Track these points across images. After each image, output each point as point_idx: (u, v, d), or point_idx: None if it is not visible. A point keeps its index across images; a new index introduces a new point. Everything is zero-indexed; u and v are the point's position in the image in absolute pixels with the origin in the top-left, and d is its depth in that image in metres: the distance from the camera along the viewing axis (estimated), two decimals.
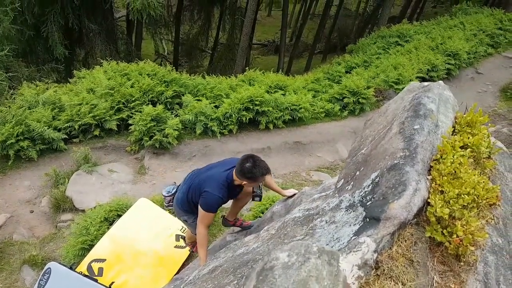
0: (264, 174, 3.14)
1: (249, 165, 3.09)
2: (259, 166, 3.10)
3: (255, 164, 3.09)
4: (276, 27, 25.95)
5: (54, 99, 8.03)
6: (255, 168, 3.09)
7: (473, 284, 1.59)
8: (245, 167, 3.10)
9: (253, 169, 3.09)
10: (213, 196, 3.25)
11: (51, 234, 6.36)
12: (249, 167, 3.09)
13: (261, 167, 3.11)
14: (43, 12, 11.40)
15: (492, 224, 1.87)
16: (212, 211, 3.34)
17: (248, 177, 3.13)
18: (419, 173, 1.77)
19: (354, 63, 12.73)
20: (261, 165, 3.12)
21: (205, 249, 3.54)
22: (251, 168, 3.09)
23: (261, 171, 3.11)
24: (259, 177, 3.13)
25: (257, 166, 3.09)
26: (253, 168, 3.08)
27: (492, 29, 14.08)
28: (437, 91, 2.23)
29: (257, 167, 3.09)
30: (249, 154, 3.20)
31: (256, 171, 3.10)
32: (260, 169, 3.10)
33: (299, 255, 1.25)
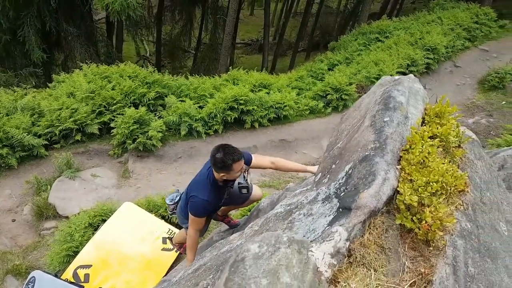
0: (236, 160, 2.95)
1: (219, 155, 2.93)
2: (229, 153, 2.94)
3: (225, 152, 2.94)
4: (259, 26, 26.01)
5: (33, 105, 7.92)
6: (225, 156, 2.92)
7: (442, 267, 1.65)
8: (216, 158, 2.95)
9: (224, 158, 2.93)
10: (198, 199, 3.17)
11: (35, 242, 6.26)
12: (219, 157, 2.93)
13: (231, 153, 2.94)
14: (18, 15, 11.20)
15: (461, 210, 1.94)
16: (199, 215, 3.25)
17: (221, 168, 2.98)
18: (389, 163, 1.83)
19: (336, 60, 12.88)
20: (231, 151, 2.95)
21: (194, 252, 3.51)
22: (222, 158, 2.93)
23: (232, 157, 2.93)
24: (232, 165, 2.95)
25: (226, 154, 2.93)
26: (224, 156, 2.92)
27: (468, 23, 14.39)
28: (407, 84, 2.30)
29: (227, 155, 2.93)
30: (219, 144, 3.04)
31: (227, 159, 2.93)
32: (230, 156, 2.93)
33: (269, 245, 1.29)
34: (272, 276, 1.24)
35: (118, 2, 8.61)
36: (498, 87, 11.51)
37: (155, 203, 6.03)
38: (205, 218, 3.37)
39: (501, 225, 2.24)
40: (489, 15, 15.18)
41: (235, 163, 2.95)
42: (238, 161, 2.97)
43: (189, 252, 3.50)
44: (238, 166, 3.00)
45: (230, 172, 3.01)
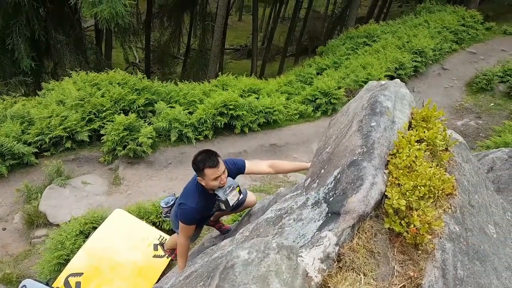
0: (207, 166, 2.85)
1: (197, 158, 2.90)
2: (205, 158, 2.87)
3: (202, 156, 2.88)
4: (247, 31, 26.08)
5: (23, 113, 7.88)
6: (199, 160, 2.88)
7: (431, 271, 1.67)
8: (193, 160, 2.92)
9: (197, 161, 2.89)
10: (187, 207, 3.11)
11: (26, 250, 6.21)
12: (194, 160, 2.91)
13: (206, 159, 2.87)
14: (7, 24, 11.14)
15: (450, 213, 1.97)
16: (187, 223, 3.19)
17: (195, 170, 2.95)
18: (376, 167, 1.85)
19: (324, 64, 12.97)
20: (207, 157, 2.88)
21: (185, 259, 3.48)
22: (195, 160, 2.90)
23: (204, 162, 2.86)
24: (203, 169, 2.87)
25: (202, 158, 2.88)
26: (199, 160, 2.88)
27: (455, 26, 14.60)
28: (394, 89, 2.32)
29: (201, 159, 2.87)
30: (203, 149, 2.99)
31: (199, 163, 2.87)
32: (203, 161, 2.87)
33: (258, 251, 1.30)
34: (261, 282, 1.24)
35: (107, 10, 8.60)
36: (486, 89, 11.67)
37: (146, 209, 6.00)
38: (195, 225, 3.31)
39: (490, 227, 2.27)
40: (475, 17, 15.41)
41: (207, 168, 2.86)
42: (211, 168, 2.87)
43: (179, 259, 3.47)
44: (211, 173, 2.89)
45: (203, 177, 2.93)
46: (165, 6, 18.01)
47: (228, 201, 3.07)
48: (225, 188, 3.06)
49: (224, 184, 3.04)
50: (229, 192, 3.08)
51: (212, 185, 2.98)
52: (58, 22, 12.64)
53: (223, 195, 3.05)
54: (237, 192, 3.15)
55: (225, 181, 3.03)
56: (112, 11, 8.81)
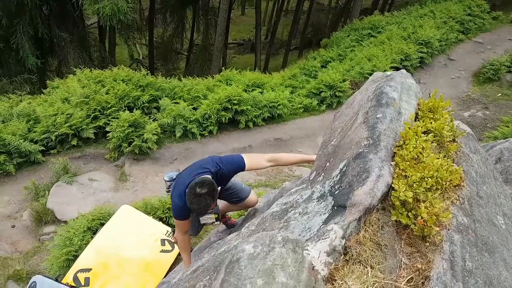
0: (193, 210, 2.92)
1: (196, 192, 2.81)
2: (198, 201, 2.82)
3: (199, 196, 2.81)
4: (250, 25, 25.99)
5: (29, 111, 7.91)
6: (194, 199, 2.82)
7: (439, 263, 1.65)
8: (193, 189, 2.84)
9: (190, 196, 2.84)
10: (176, 204, 3.11)
11: (35, 247, 6.26)
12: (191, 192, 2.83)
13: (198, 203, 2.83)
14: (11, 23, 11.18)
15: (457, 205, 1.95)
16: (179, 219, 3.19)
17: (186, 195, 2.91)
18: (382, 159, 1.83)
19: (329, 57, 12.88)
20: (201, 203, 2.83)
21: (188, 253, 3.50)
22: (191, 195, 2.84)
23: (194, 205, 2.85)
24: (189, 205, 2.89)
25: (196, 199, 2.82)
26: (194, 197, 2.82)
27: (461, 15, 14.41)
28: (399, 80, 2.29)
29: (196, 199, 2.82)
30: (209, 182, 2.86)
31: (191, 200, 2.84)
32: (195, 203, 2.84)
33: (264, 245, 1.29)
34: (267, 276, 1.23)
35: (109, 7, 8.60)
36: (493, 79, 11.54)
37: (152, 205, 6.02)
38: (188, 220, 3.25)
39: (498, 218, 2.25)
40: (482, 6, 15.21)
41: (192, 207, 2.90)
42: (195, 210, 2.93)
43: (183, 255, 3.51)
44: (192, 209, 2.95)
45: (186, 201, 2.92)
46: (168, 1, 17.93)
47: (200, 221, 3.05)
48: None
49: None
50: (206, 214, 3.01)
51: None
52: (61, 20, 12.67)
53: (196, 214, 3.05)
54: (213, 217, 3.05)
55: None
56: (114, 8, 8.82)
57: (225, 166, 3.20)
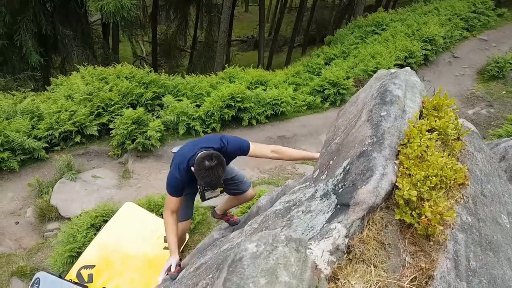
0: (207, 184, 2.77)
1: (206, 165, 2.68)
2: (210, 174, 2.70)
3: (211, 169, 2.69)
4: (254, 22, 25.91)
5: (32, 108, 7.94)
6: (205, 172, 2.69)
7: (443, 262, 1.64)
8: (201, 163, 2.71)
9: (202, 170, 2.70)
10: (172, 176, 2.96)
11: (38, 244, 6.29)
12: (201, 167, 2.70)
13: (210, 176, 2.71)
14: (14, 20, 11.21)
15: (462, 203, 1.93)
16: (170, 193, 3.01)
17: (194, 171, 2.77)
18: (386, 158, 1.82)
19: (333, 54, 12.86)
20: (213, 175, 2.71)
21: (175, 237, 3.14)
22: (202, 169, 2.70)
23: (207, 179, 2.72)
24: (201, 181, 2.77)
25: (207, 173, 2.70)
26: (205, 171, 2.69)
27: (466, 12, 14.35)
28: (404, 77, 2.28)
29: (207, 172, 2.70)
30: (216, 155, 2.75)
31: (202, 175, 2.71)
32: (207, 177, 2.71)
33: (267, 244, 1.28)
34: (270, 275, 1.23)
35: (112, 4, 8.62)
36: (498, 77, 11.47)
37: (155, 202, 6.04)
38: (179, 199, 3.05)
39: (503, 217, 2.23)
40: (487, 3, 15.13)
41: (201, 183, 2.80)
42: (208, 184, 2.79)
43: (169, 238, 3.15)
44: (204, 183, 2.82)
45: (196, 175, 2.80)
46: None
47: (204, 195, 2.94)
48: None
49: None
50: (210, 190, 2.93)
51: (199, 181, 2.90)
52: (65, 17, 12.69)
53: (203, 188, 2.91)
54: (218, 191, 2.99)
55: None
56: (118, 5, 8.84)
57: (230, 144, 3.08)
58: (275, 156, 3.25)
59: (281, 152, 3.26)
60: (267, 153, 3.22)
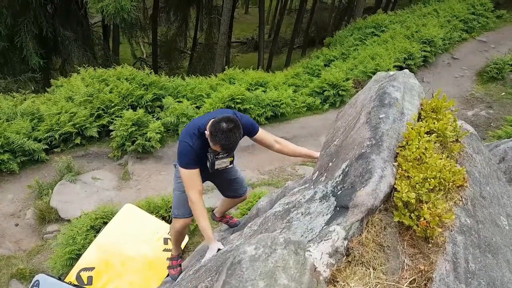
0: (224, 146, 2.61)
1: (223, 127, 2.55)
2: (228, 136, 2.56)
3: (229, 131, 2.55)
4: (254, 24, 25.94)
5: (33, 110, 7.95)
6: (222, 134, 2.55)
7: (442, 264, 1.64)
8: (218, 124, 2.58)
9: (219, 132, 2.56)
10: (184, 145, 2.78)
11: (38, 246, 6.29)
12: (218, 128, 2.56)
13: (228, 139, 2.56)
14: (15, 22, 11.23)
15: (461, 205, 1.94)
16: (189, 166, 2.77)
17: (210, 133, 2.62)
18: (385, 160, 1.82)
19: (332, 56, 12.87)
20: (231, 137, 2.57)
21: (206, 221, 2.87)
22: (219, 126, 2.56)
23: (224, 141, 2.58)
24: (217, 144, 2.62)
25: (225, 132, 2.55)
26: (222, 133, 2.55)
27: (465, 14, 14.38)
28: (402, 80, 2.28)
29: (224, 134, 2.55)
30: (234, 118, 2.64)
31: (219, 137, 2.57)
32: (224, 139, 2.57)
33: (265, 247, 1.29)
34: (269, 278, 1.23)
35: (112, 5, 8.63)
36: (497, 78, 11.49)
37: (155, 204, 6.04)
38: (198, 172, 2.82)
39: (502, 219, 2.23)
40: (486, 5, 15.16)
41: (218, 146, 2.63)
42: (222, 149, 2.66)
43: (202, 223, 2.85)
44: (217, 148, 2.68)
45: (210, 140, 2.66)
46: (171, 0, 17.98)
47: (214, 164, 2.80)
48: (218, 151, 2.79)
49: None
50: (221, 157, 2.82)
51: (213, 148, 2.73)
52: (65, 19, 12.72)
53: (213, 157, 2.79)
54: (228, 161, 2.88)
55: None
56: (118, 6, 8.85)
57: (243, 118, 2.97)
58: (276, 146, 3.22)
59: (283, 145, 3.24)
60: (271, 141, 3.19)
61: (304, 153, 3.44)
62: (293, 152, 3.39)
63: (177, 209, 3.29)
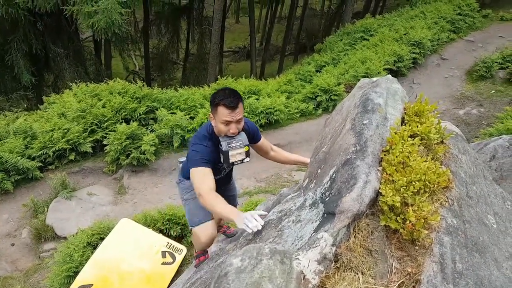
0: (223, 104, 2.51)
1: (217, 92, 2.57)
2: (226, 92, 2.54)
3: (225, 90, 2.56)
4: (245, 33, 26.14)
5: (25, 128, 7.93)
6: (218, 94, 2.54)
7: (429, 266, 1.67)
8: (213, 94, 2.59)
9: (215, 93, 2.56)
10: (194, 149, 2.67)
11: (35, 265, 6.24)
12: (215, 94, 2.57)
13: (224, 96, 2.52)
14: (5, 40, 11.26)
15: (447, 206, 1.97)
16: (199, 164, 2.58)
17: (211, 103, 2.60)
18: (370, 165, 1.85)
19: (323, 61, 12.99)
20: (227, 95, 2.52)
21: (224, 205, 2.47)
22: (214, 93, 2.56)
23: (222, 98, 2.51)
24: (217, 104, 2.53)
25: (221, 94, 2.53)
26: (217, 93, 2.55)
27: (451, 15, 14.58)
28: (385, 85, 2.33)
29: (220, 94, 2.53)
30: (228, 87, 2.66)
31: (216, 95, 2.55)
32: (221, 96, 2.52)
33: (251, 258, 1.31)
34: None
35: (103, 21, 8.66)
36: (486, 77, 11.63)
37: (152, 217, 6.02)
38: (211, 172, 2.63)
39: (489, 217, 2.27)
40: (471, 5, 15.41)
41: (221, 106, 2.51)
42: (226, 107, 2.52)
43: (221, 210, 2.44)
44: (224, 114, 2.53)
45: (214, 114, 2.59)
46: (162, 13, 18.09)
47: (228, 155, 2.63)
48: (231, 140, 2.65)
49: (233, 135, 2.65)
50: (234, 146, 2.66)
51: (220, 128, 2.61)
52: (56, 35, 12.75)
53: (226, 146, 2.62)
54: (244, 152, 2.71)
55: (235, 132, 2.63)
56: (109, 21, 8.87)
57: (249, 123, 3.01)
58: (271, 153, 3.28)
59: (278, 152, 3.31)
60: (268, 148, 3.26)
61: (296, 160, 3.47)
62: (286, 159, 3.42)
63: (196, 216, 3.12)
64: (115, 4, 8.70)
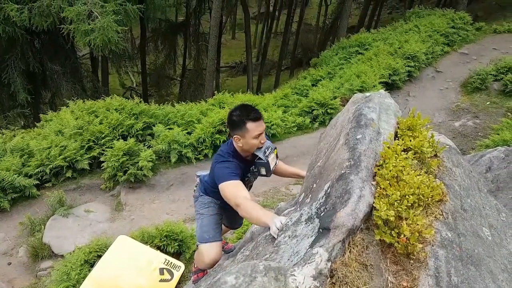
0: (252, 118, 2.55)
1: (235, 112, 2.60)
2: (246, 109, 2.57)
3: (242, 109, 2.58)
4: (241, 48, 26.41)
5: (22, 145, 7.93)
6: (241, 112, 2.56)
7: (425, 279, 1.67)
8: (231, 115, 2.62)
9: (234, 114, 2.57)
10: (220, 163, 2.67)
11: (32, 284, 6.17)
12: (235, 114, 2.59)
13: (249, 110, 2.56)
14: (2, 59, 11.33)
15: (441, 219, 1.98)
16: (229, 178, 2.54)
17: (232, 124, 2.61)
18: (364, 180, 1.87)
19: (319, 75, 13.11)
20: (249, 109, 2.57)
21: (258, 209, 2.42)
22: (238, 114, 2.57)
23: (248, 113, 2.55)
24: (246, 122, 2.55)
25: (243, 110, 2.56)
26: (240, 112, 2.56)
27: (445, 28, 14.79)
28: (378, 100, 2.36)
29: (243, 111, 2.56)
30: (239, 104, 2.71)
31: (239, 116, 2.55)
32: (246, 112, 2.55)
33: (245, 275, 1.31)
34: None
35: (100, 38, 8.74)
36: (481, 89, 11.75)
37: (149, 233, 5.98)
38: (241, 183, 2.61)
39: (484, 230, 2.28)
40: (464, 19, 15.63)
41: (250, 122, 2.54)
42: (255, 121, 2.56)
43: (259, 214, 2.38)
44: (255, 127, 2.56)
45: (244, 133, 2.58)
46: (158, 29, 18.32)
47: (269, 164, 2.70)
48: (263, 149, 2.69)
49: (263, 145, 2.70)
50: (269, 154, 2.72)
51: (252, 144, 2.63)
52: (53, 53, 12.87)
53: (264, 157, 2.66)
54: (275, 156, 2.81)
55: (265, 140, 2.72)
56: (105, 39, 8.95)
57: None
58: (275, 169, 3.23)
59: (278, 165, 3.25)
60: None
61: (294, 173, 3.50)
62: (286, 172, 3.45)
63: (207, 234, 3.08)
64: (111, 23, 8.80)
